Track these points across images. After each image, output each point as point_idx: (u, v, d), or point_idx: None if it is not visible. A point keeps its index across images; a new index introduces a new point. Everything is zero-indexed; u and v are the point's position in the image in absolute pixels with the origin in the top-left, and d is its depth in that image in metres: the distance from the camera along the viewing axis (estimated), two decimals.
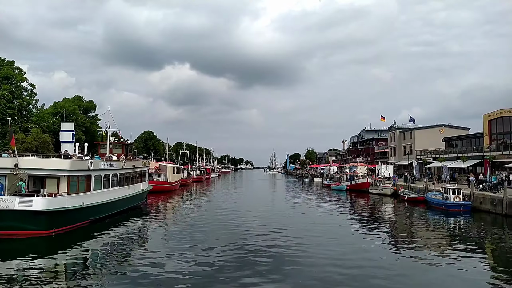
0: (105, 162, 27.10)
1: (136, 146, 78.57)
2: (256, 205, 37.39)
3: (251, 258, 15.24)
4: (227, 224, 24.22)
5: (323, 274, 13.39)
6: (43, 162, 22.70)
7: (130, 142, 47.41)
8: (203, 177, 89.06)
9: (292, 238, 19.34)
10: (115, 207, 27.08)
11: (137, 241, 20.18)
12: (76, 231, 21.11)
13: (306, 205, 37.25)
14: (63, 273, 14.01)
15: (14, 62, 55.05)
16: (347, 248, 17.45)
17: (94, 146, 40.09)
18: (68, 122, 30.81)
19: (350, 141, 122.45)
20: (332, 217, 28.89)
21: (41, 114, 56.68)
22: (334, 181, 67.13)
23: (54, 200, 20.41)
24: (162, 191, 48.22)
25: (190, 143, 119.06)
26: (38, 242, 18.62)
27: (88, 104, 71.05)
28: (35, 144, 42.15)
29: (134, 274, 13.29)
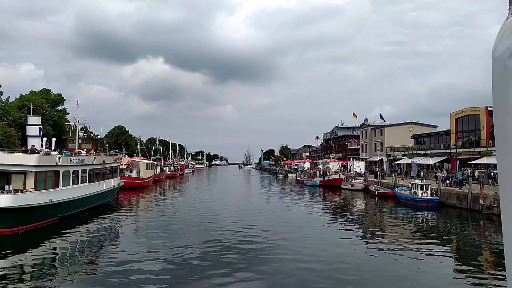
0: (74, 158, 26.30)
1: (107, 141, 76.63)
2: (230, 201, 37.38)
3: (224, 255, 15.20)
4: (201, 221, 24.08)
5: (295, 269, 13.54)
6: (9, 157, 21.73)
7: (100, 137, 46.26)
8: (176, 173, 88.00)
9: (266, 234, 19.45)
10: (85, 203, 26.36)
11: (107, 239, 19.74)
12: (43, 228, 20.42)
13: (280, 201, 37.56)
14: (30, 272, 13.50)
15: None
16: (320, 243, 17.77)
17: (63, 141, 38.82)
18: (35, 116, 29.62)
19: (323, 138, 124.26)
20: (305, 212, 29.26)
21: (6, 108, 54.22)
22: (307, 177, 67.94)
23: (20, 197, 19.64)
24: (134, 187, 47.31)
25: (163, 139, 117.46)
26: (3, 241, 17.86)
27: (56, 98, 68.58)
28: (0, 139, 40.31)
29: (104, 273, 12.99)
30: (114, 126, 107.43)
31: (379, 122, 75.37)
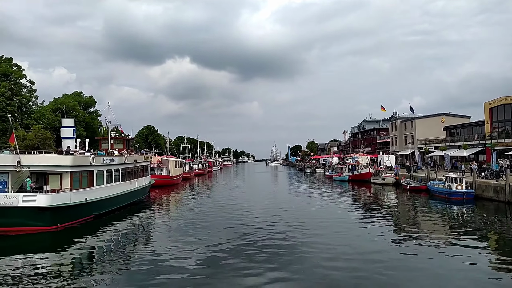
0: (107, 157, 27.11)
1: (137, 141, 78.58)
2: (259, 197, 37.48)
3: (254, 253, 15.22)
4: (230, 217, 24.27)
5: (326, 267, 13.39)
6: (45, 158, 22.71)
7: (131, 137, 47.50)
8: (205, 171, 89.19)
9: (296, 231, 19.33)
10: (118, 202, 27.15)
11: (141, 236, 20.25)
12: (80, 226, 21.19)
13: (309, 197, 37.29)
14: (69, 268, 14.05)
15: (12, 59, 54.91)
16: (351, 240, 17.45)
17: (96, 141, 40.09)
18: (68, 118, 30.80)
19: (351, 132, 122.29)
20: (335, 207, 28.93)
21: (41, 111, 56.64)
22: (336, 172, 67.14)
23: (57, 196, 20.46)
24: (164, 185, 48.33)
25: (191, 137, 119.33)
26: (43, 238, 18.72)
27: (88, 100, 70.95)
28: (36, 141, 42.16)
29: (138, 268, 13.35)
30: (143, 126, 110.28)
31: (409, 114, 73.36)
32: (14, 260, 14.74)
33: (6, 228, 18.84)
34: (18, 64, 55.64)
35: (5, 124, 43.58)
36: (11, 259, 14.91)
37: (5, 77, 52.64)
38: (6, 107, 48.15)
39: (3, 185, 21.20)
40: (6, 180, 21.33)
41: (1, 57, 53.93)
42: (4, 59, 53.98)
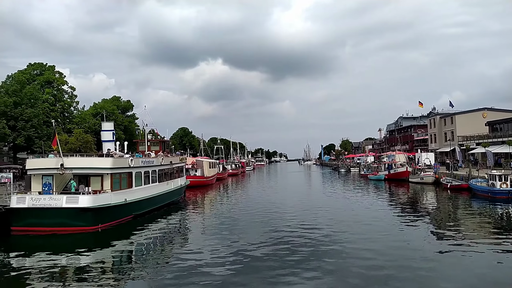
0: (145, 159, 27.94)
1: (173, 143, 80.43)
2: (292, 197, 37.33)
3: (290, 251, 15.21)
4: (264, 217, 24.30)
5: (364, 268, 13.14)
6: (87, 161, 23.76)
7: (166, 139, 48.66)
8: (238, 171, 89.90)
9: (331, 231, 19.10)
10: (156, 202, 27.89)
11: (178, 235, 20.73)
12: (120, 226, 21.97)
13: (344, 196, 36.70)
14: (109, 267, 14.66)
15: (54, 66, 57.83)
16: (389, 241, 16.97)
17: (133, 144, 41.44)
18: (108, 122, 32.07)
19: (386, 129, 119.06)
20: (371, 207, 28.28)
21: (82, 115, 59.24)
22: (371, 170, 65.69)
23: (99, 197, 21.33)
24: (199, 185, 49.15)
25: (224, 138, 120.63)
26: (86, 238, 19.57)
27: (126, 104, 73.42)
28: (78, 144, 44.14)
29: (176, 267, 13.68)
30: (178, 128, 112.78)
31: (448, 110, 70.49)
32: (58, 259, 15.51)
33: (51, 228, 19.85)
34: (60, 71, 58.55)
35: (49, 128, 45.97)
36: (56, 257, 15.70)
37: (48, 84, 55.55)
38: (49, 112, 50.79)
39: (48, 187, 22.35)
40: (51, 182, 22.48)
41: (44, 65, 56.95)
42: (47, 66, 56.96)
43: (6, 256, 16.42)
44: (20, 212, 20.21)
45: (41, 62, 57.12)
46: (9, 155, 52.04)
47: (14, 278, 13.41)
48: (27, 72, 54.13)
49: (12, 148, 48.86)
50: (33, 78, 54.22)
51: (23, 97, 45.51)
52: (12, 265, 14.98)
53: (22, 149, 48.49)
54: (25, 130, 44.51)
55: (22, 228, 20.02)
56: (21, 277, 13.34)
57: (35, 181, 22.66)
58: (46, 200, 20.48)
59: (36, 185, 22.52)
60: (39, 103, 48.42)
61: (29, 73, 54.27)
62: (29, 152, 47.91)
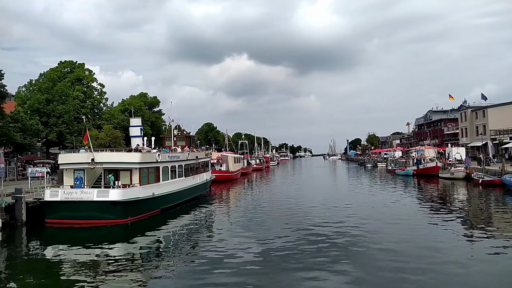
0: (171, 154, 28.42)
1: (198, 138, 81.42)
2: (317, 193, 37.05)
3: (315, 248, 15.05)
4: (289, 212, 24.24)
5: (391, 268, 12.84)
6: (117, 156, 24.38)
7: (192, 134, 49.32)
8: (262, 166, 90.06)
9: (357, 228, 18.76)
10: (182, 196, 28.35)
11: (204, 229, 21.00)
12: (148, 219, 22.49)
13: (370, 192, 36.08)
14: (138, 259, 15.05)
15: (84, 64, 59.56)
16: (417, 240, 16.35)
17: (160, 139, 42.22)
18: (136, 118, 32.81)
19: (415, 123, 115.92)
20: (399, 204, 27.66)
21: (111, 112, 60.83)
22: (399, 166, 64.24)
23: (128, 191, 21.88)
24: (224, 180, 49.59)
25: (248, 133, 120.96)
26: (116, 230, 20.15)
27: (152, 100, 74.84)
28: (108, 140, 45.40)
29: (203, 260, 13.86)
30: (203, 123, 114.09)
31: (480, 103, 67.70)
32: (91, 250, 16.04)
33: (83, 220, 20.58)
34: (89, 69, 60.27)
35: (80, 124, 47.47)
36: (88, 249, 16.25)
37: (78, 81, 57.32)
38: (80, 109, 52.41)
39: (80, 181, 23.12)
40: (82, 176, 23.23)
41: (75, 63, 58.73)
42: (77, 64, 58.73)
43: (41, 247, 17.16)
44: (53, 205, 21.03)
45: (72, 60, 59.00)
46: (42, 150, 54.15)
47: (48, 268, 14.01)
48: (58, 70, 56.01)
49: (45, 143, 50.80)
50: (64, 76, 56.05)
51: (55, 94, 47.15)
52: (46, 256, 15.66)
53: (54, 144, 50.36)
54: (57, 126, 46.14)
55: (55, 220, 20.83)
56: (55, 267, 13.91)
57: (67, 175, 23.49)
58: (78, 194, 21.20)
59: (68, 179, 23.34)
60: (70, 100, 50.04)
61: (60, 71, 56.14)
62: (61, 147, 49.77)
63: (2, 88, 33.47)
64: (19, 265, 14.54)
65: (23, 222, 20.53)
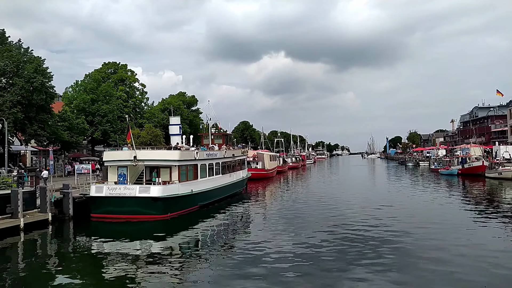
0: (209, 152, 28.91)
1: (234, 136, 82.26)
2: (356, 192, 36.34)
3: (353, 248, 14.78)
4: (325, 211, 23.91)
5: (435, 274, 12.40)
6: (157, 153, 25.16)
7: (229, 132, 49.93)
8: (298, 164, 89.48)
9: (397, 229, 18.15)
10: (219, 193, 28.76)
11: (241, 226, 21.21)
12: (187, 215, 23.03)
13: (412, 192, 34.83)
14: (178, 253, 15.47)
15: (126, 65, 61.84)
16: (462, 246, 15.41)
17: (198, 137, 43.08)
18: (175, 117, 33.72)
19: (460, 121, 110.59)
20: (443, 204, 26.55)
21: (152, 111, 62.80)
22: (443, 165, 61.64)
23: (168, 188, 22.52)
24: (260, 178, 49.75)
25: (284, 131, 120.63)
26: (157, 225, 20.79)
27: (191, 99, 76.46)
28: (149, 138, 46.90)
29: (239, 257, 14.03)
30: (239, 122, 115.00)
31: None
32: (133, 244, 16.71)
33: (125, 215, 21.41)
34: (132, 70, 62.55)
35: (123, 123, 49.41)
36: (131, 243, 16.92)
37: (121, 81, 59.62)
38: (123, 108, 54.52)
39: (123, 177, 24.06)
40: (125, 173, 24.16)
41: (118, 64, 61.13)
42: (120, 65, 61.09)
43: (86, 240, 18.06)
44: (98, 200, 22.03)
45: (115, 61, 61.42)
46: (87, 148, 56.92)
47: (94, 260, 14.72)
48: (102, 71, 58.54)
49: (90, 141, 53.35)
50: (108, 77, 58.51)
51: (99, 94, 49.37)
52: (91, 249, 16.46)
53: (99, 142, 52.76)
54: (101, 124, 48.30)
55: (100, 215, 21.81)
56: (100, 260, 14.61)
57: (111, 171, 24.51)
58: (121, 190, 22.08)
59: (112, 175, 24.36)
60: (113, 99, 52.21)
61: (104, 72, 58.65)
62: (105, 145, 52.08)
63: (51, 89, 35.46)
64: (67, 257, 15.40)
65: (70, 216, 21.66)
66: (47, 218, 20.29)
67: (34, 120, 33.13)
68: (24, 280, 12.45)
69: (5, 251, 16.16)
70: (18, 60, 31.86)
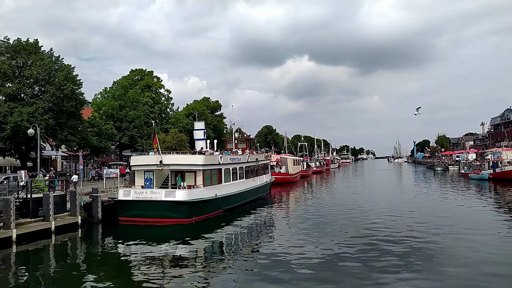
0: (232, 156, 29.10)
1: (258, 140, 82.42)
2: (382, 196, 35.64)
3: (378, 254, 14.48)
4: (350, 217, 23.54)
5: (466, 277, 11.98)
6: (182, 158, 25.53)
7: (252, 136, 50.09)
8: (322, 168, 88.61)
9: (425, 236, 17.60)
10: (243, 198, 28.85)
11: (265, 230, 21.18)
12: (211, 219, 23.21)
13: (440, 197, 33.77)
14: (202, 257, 15.66)
15: (152, 72, 63.25)
16: (496, 249, 14.99)
17: (221, 142, 43.48)
18: (200, 122, 34.14)
19: (490, 123, 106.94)
20: (473, 211, 25.63)
21: (177, 116, 63.87)
22: (473, 169, 59.51)
23: (193, 192, 22.80)
24: (283, 182, 49.55)
25: (308, 135, 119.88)
26: (182, 229, 21.06)
27: (215, 104, 77.29)
28: (174, 143, 47.69)
29: (263, 261, 14.02)
30: (263, 126, 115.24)
31: None
32: (159, 247, 17.00)
33: (152, 219, 21.79)
34: (157, 76, 63.95)
35: (149, 128, 50.47)
36: (157, 245, 17.21)
37: (147, 88, 61.02)
38: (149, 114, 55.73)
39: (150, 181, 24.53)
40: (152, 177, 24.63)
41: (144, 71, 62.62)
42: (146, 72, 62.55)
43: (114, 243, 18.50)
44: (125, 204, 22.56)
45: (141, 68, 62.96)
46: (115, 152, 58.42)
47: (121, 262, 15.09)
48: (129, 78, 60.11)
49: (118, 146, 54.73)
50: (135, 83, 60.02)
51: (127, 101, 50.67)
52: (119, 251, 16.85)
53: (126, 147, 54.08)
54: (128, 130, 49.51)
55: (128, 218, 22.30)
56: (127, 262, 14.96)
57: (138, 176, 25.06)
58: (148, 194, 22.52)
59: (139, 179, 24.90)
60: (140, 105, 53.47)
61: (131, 79, 60.21)
62: (132, 150, 53.31)
63: (80, 95, 36.68)
64: (96, 259, 15.87)
65: (99, 220, 22.27)
66: (76, 221, 20.94)
67: (65, 126, 34.32)
68: (55, 281, 12.91)
69: (38, 253, 16.78)
70: (49, 68, 33.14)
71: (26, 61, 32.78)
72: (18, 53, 32.56)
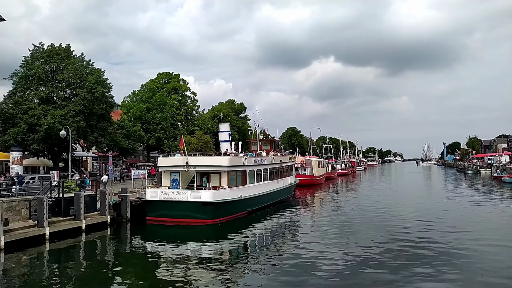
0: (257, 158, 29.17)
1: (282, 142, 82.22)
2: (409, 201, 34.73)
3: (405, 259, 14.15)
4: (378, 220, 23.15)
5: None
6: (207, 159, 25.85)
7: (276, 138, 50.04)
8: (348, 171, 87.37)
9: (456, 242, 17.01)
10: (267, 199, 28.86)
11: (289, 232, 21.10)
12: (236, 220, 23.35)
13: (472, 201, 32.56)
14: (227, 257, 15.76)
15: (179, 75, 64.32)
16: None
17: (246, 144, 43.65)
18: (225, 124, 34.47)
19: None
20: (506, 216, 24.59)
21: (203, 118, 64.64)
22: (506, 172, 57.16)
23: (218, 193, 23.03)
24: (308, 184, 49.21)
25: (333, 137, 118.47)
26: (207, 229, 21.30)
27: (239, 106, 77.72)
28: (199, 145, 48.28)
29: (288, 263, 14.00)
30: (287, 128, 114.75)
31: None
32: (185, 246, 17.30)
33: (178, 219, 22.14)
34: (184, 79, 64.96)
35: (176, 130, 51.33)
36: (183, 245, 17.51)
37: (174, 90, 62.07)
38: (175, 116, 56.68)
39: (176, 182, 24.97)
40: (178, 178, 25.06)
41: (171, 74, 63.78)
42: (173, 75, 63.69)
43: (142, 242, 18.94)
44: (153, 204, 23.04)
45: (168, 72, 64.11)
46: (143, 154, 59.74)
47: (148, 261, 15.41)
48: (156, 81, 61.35)
49: (145, 148, 55.95)
50: (162, 86, 61.18)
51: (154, 103, 51.76)
52: (147, 250, 17.23)
53: (153, 148, 55.19)
54: (156, 132, 50.54)
55: (155, 218, 22.76)
56: (154, 261, 15.26)
57: (165, 176, 25.55)
58: (174, 194, 22.92)
59: (165, 180, 25.39)
60: (167, 108, 54.47)
61: (158, 82, 61.43)
62: (159, 151, 54.35)
63: (110, 98, 37.77)
64: (124, 258, 16.31)
65: (128, 219, 22.85)
66: (106, 220, 21.58)
67: (95, 128, 35.43)
68: (85, 278, 13.34)
69: (68, 251, 17.41)
70: (81, 72, 34.32)
71: (58, 65, 34.07)
72: (51, 58, 33.88)
